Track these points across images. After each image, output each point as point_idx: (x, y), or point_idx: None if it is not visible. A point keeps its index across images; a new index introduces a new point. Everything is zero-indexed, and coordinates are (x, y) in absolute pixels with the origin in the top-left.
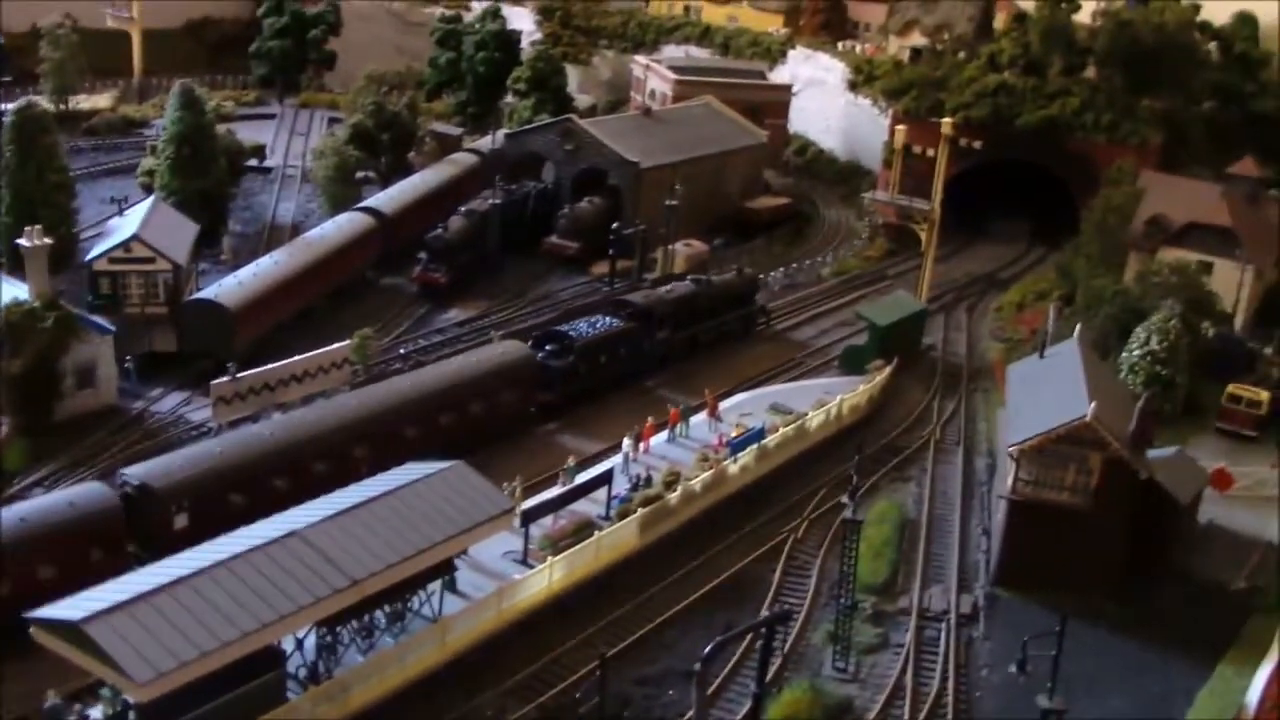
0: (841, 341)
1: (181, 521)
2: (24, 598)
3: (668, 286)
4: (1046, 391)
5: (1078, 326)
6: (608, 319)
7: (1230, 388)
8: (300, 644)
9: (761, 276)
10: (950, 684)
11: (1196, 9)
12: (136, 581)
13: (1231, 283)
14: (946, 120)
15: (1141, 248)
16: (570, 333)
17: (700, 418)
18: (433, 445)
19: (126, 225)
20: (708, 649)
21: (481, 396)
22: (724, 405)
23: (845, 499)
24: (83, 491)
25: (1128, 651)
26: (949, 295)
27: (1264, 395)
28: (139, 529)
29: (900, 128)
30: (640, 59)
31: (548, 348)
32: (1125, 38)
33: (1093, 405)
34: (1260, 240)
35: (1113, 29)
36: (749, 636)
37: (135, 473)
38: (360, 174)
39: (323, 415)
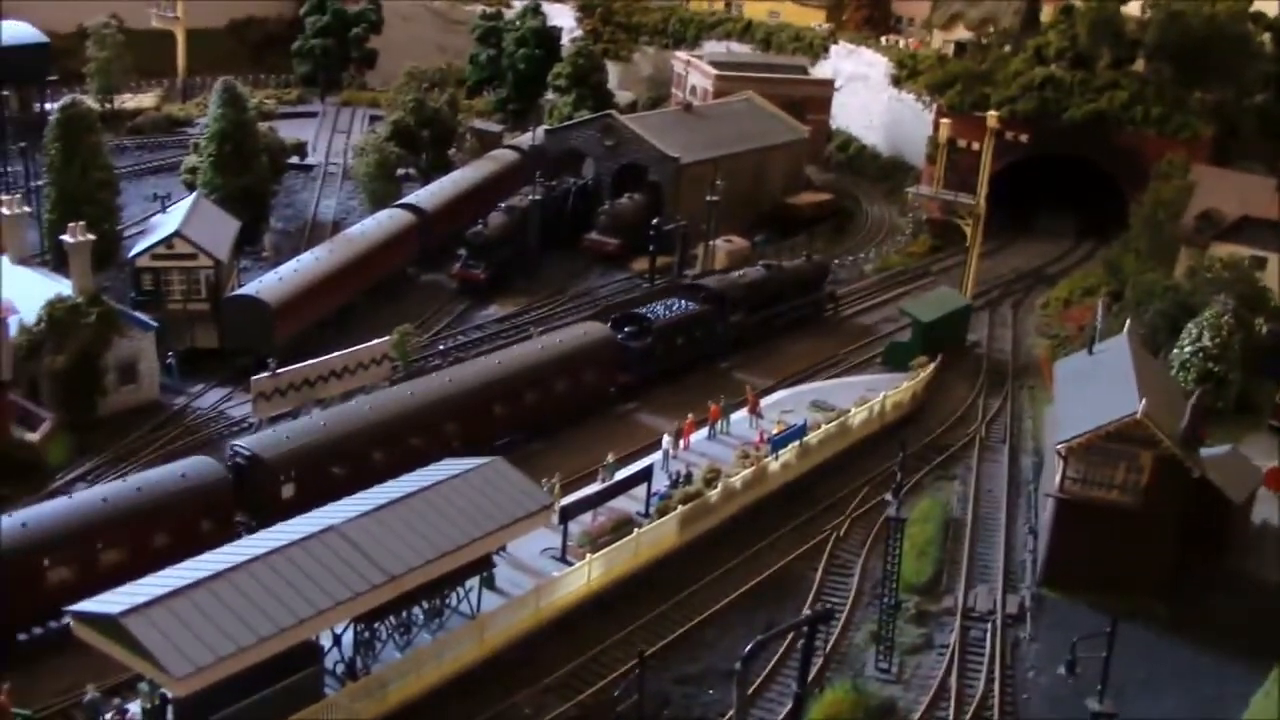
0: (886, 337)
1: (289, 491)
2: (140, 566)
3: (740, 271)
4: (1095, 388)
5: (1127, 322)
6: (683, 302)
7: None
8: (338, 640)
9: (836, 262)
10: (996, 685)
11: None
12: (175, 576)
13: None
14: (992, 114)
15: (1193, 243)
16: (648, 315)
17: (741, 414)
18: (519, 423)
19: (169, 222)
20: (748, 648)
21: (565, 376)
22: (765, 402)
23: (889, 497)
24: (194, 464)
25: (1180, 654)
26: (995, 291)
27: None
28: (249, 498)
29: (945, 121)
30: (681, 54)
31: (627, 329)
32: (1175, 29)
33: (1143, 402)
34: None
35: (1162, 20)
36: (790, 636)
37: (246, 444)
38: (401, 171)
39: (416, 392)
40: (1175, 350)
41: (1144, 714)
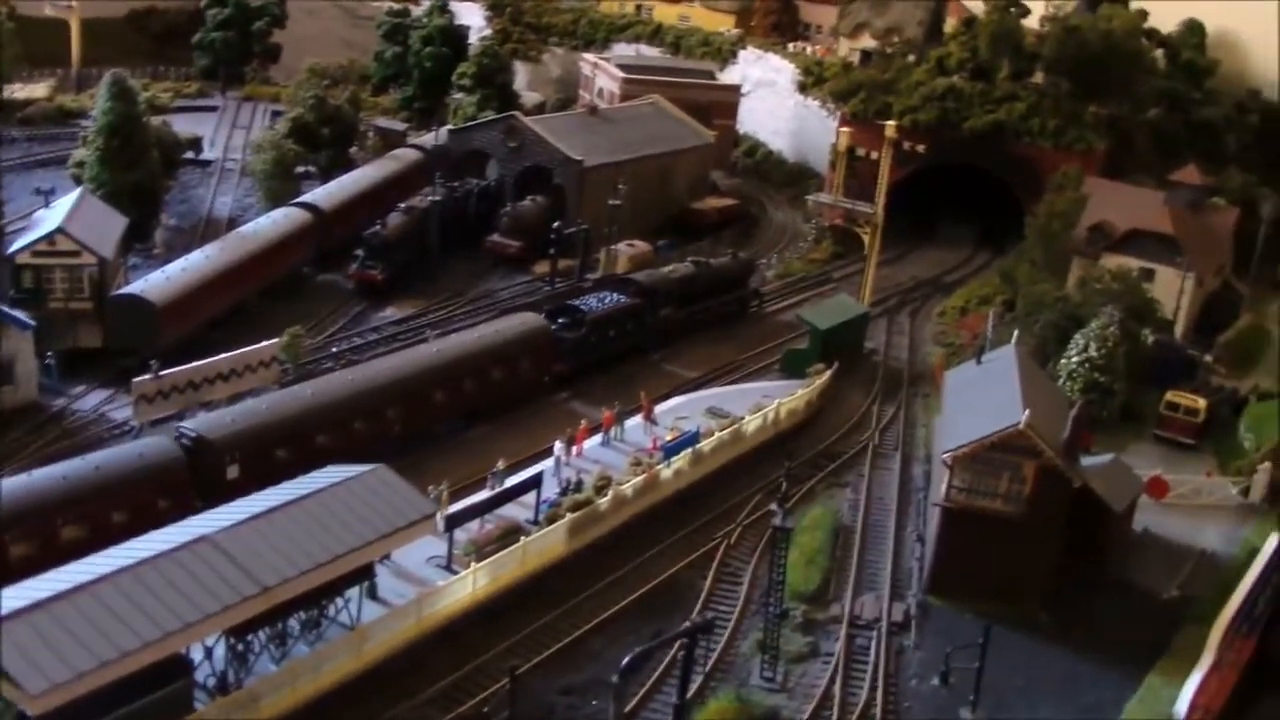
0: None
1: (234, 472)
2: (100, 542)
3: (670, 267)
4: (981, 398)
5: (1014, 333)
6: (615, 295)
7: (1168, 395)
8: (209, 652)
9: (763, 261)
10: (879, 694)
11: (1144, 16)
12: (37, 588)
13: (1173, 290)
14: (890, 124)
15: (1085, 254)
16: (581, 307)
17: (636, 421)
18: (458, 409)
19: (52, 218)
20: (626, 660)
21: (502, 364)
22: (660, 409)
23: (774, 506)
24: (151, 444)
25: (1060, 661)
26: (894, 299)
27: (1201, 403)
28: (196, 479)
29: (844, 130)
30: (589, 57)
31: (560, 320)
32: (1072, 44)
33: (1026, 413)
34: (1202, 248)
35: (1060, 35)
36: (673, 646)
37: (192, 425)
38: (301, 169)
39: (358, 378)
40: (1063, 360)
41: None
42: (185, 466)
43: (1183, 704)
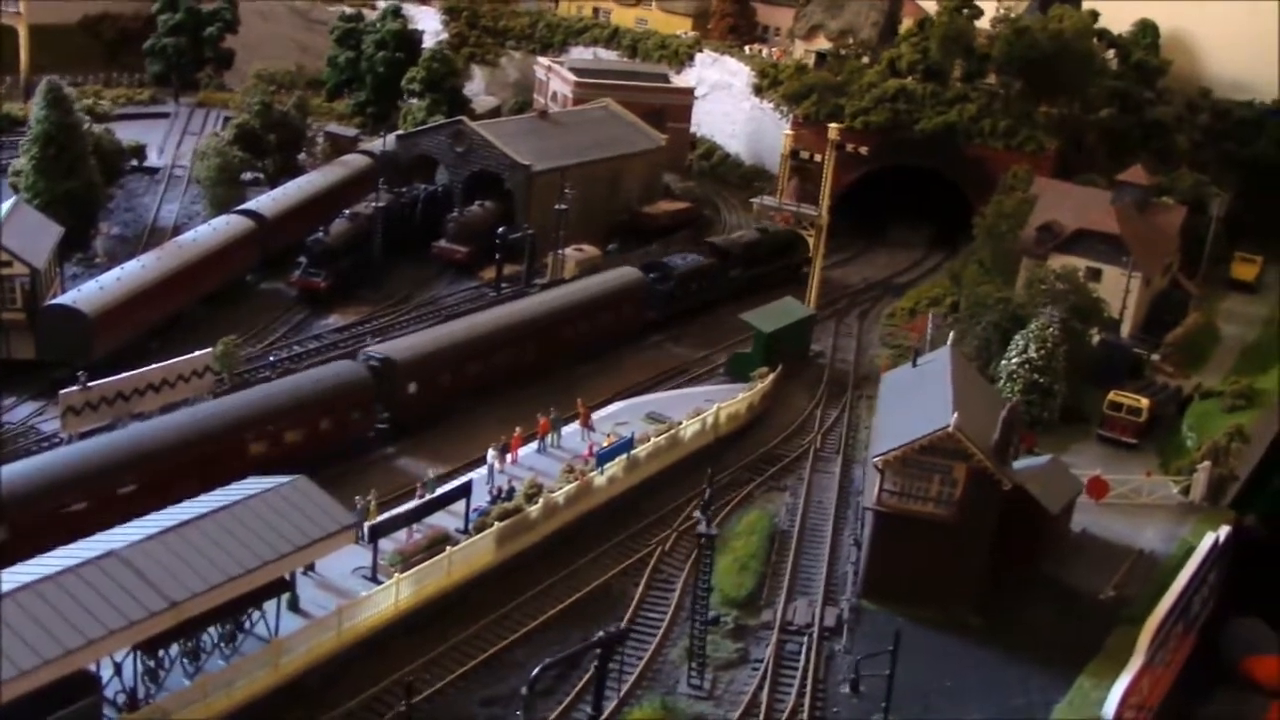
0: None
1: (413, 388)
2: (311, 444)
3: (739, 233)
4: (914, 401)
5: (949, 335)
6: (696, 256)
7: (1111, 395)
8: (119, 669)
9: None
10: (807, 699)
11: (1095, 16)
12: None
13: (1119, 289)
14: (833, 126)
15: (1033, 254)
16: (670, 264)
17: (573, 428)
18: (575, 345)
19: None
20: (535, 671)
21: (609, 309)
22: (600, 414)
23: (698, 513)
24: (344, 366)
25: (989, 663)
26: (843, 301)
27: (1144, 403)
28: (382, 394)
29: (787, 132)
30: (543, 61)
31: (653, 275)
32: (1022, 44)
33: (955, 415)
34: (1149, 247)
35: (1009, 36)
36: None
37: (378, 351)
38: (249, 176)
39: (501, 317)
40: (1003, 362)
41: None
42: (372, 385)
43: (1111, 705)
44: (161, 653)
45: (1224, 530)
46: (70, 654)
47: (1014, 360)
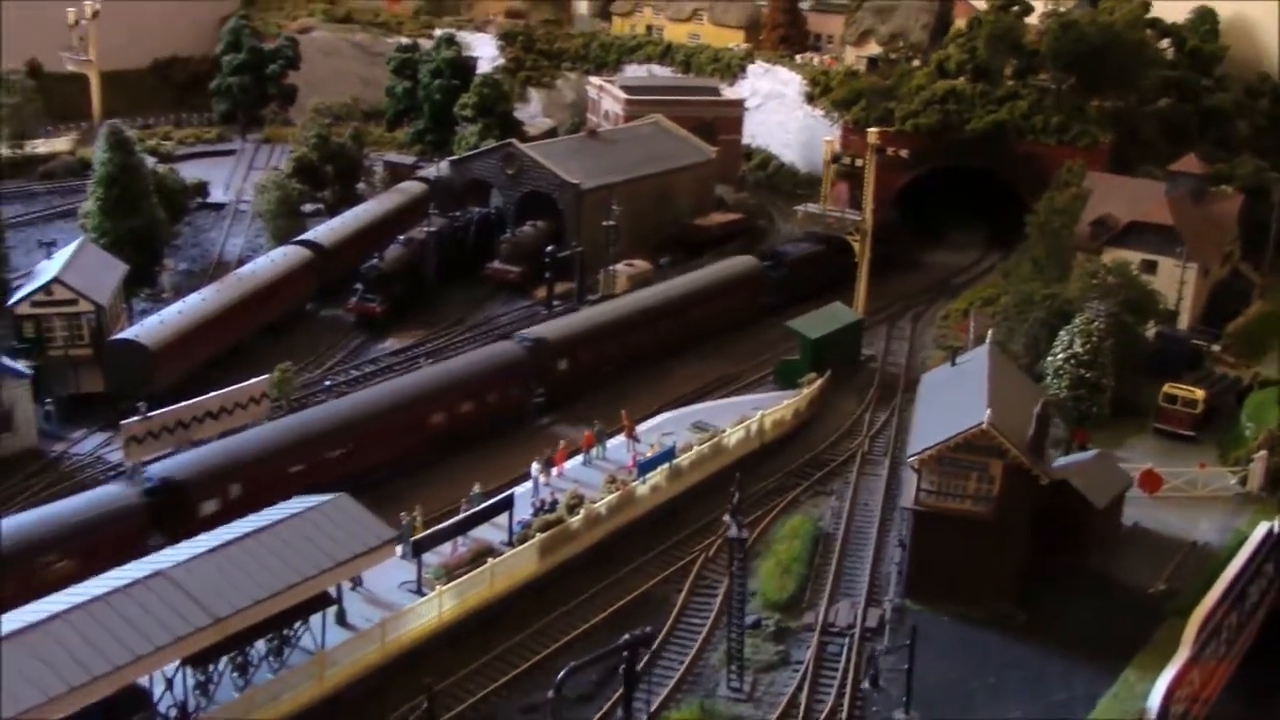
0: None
1: (564, 365)
2: (483, 415)
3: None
4: (951, 400)
5: (989, 332)
6: (808, 244)
7: (1166, 387)
8: (170, 684)
9: None
10: (846, 700)
11: (1146, 7)
12: None
13: (1175, 280)
14: (872, 130)
15: (1087, 249)
16: (784, 251)
17: (619, 440)
18: (703, 325)
19: (50, 268)
20: (560, 675)
21: (729, 294)
22: (646, 425)
23: (727, 518)
24: (502, 347)
25: (1032, 659)
26: (897, 305)
27: (1200, 394)
28: (536, 371)
29: (828, 139)
30: (594, 80)
31: (768, 263)
32: (1070, 38)
33: (989, 412)
34: (1204, 237)
35: (1056, 30)
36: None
37: (530, 332)
38: (310, 207)
39: (637, 302)
40: (1048, 358)
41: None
42: (528, 362)
43: (1156, 697)
44: (211, 667)
45: None
46: (118, 670)
47: (1060, 356)
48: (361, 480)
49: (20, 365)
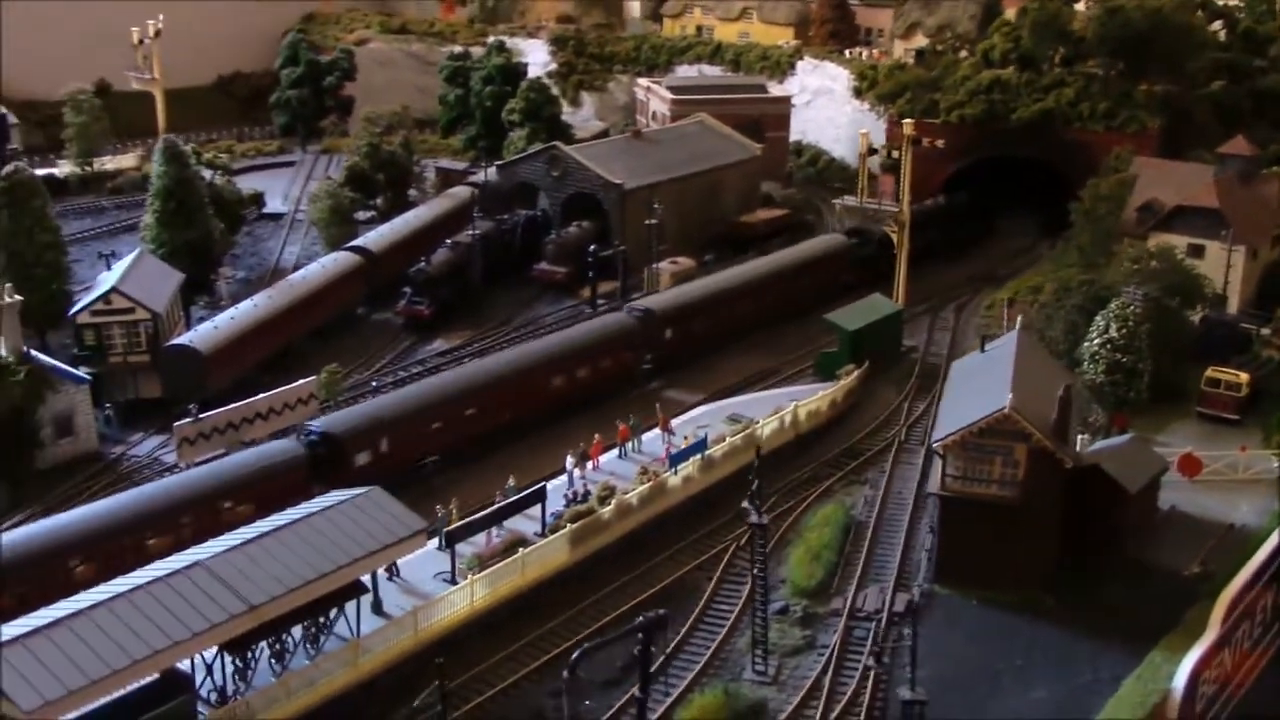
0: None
1: (669, 334)
2: (592, 385)
3: (932, 200)
4: (977, 385)
5: (1018, 319)
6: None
7: (1209, 371)
8: (210, 668)
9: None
10: (869, 683)
11: None
12: (35, 618)
13: (1223, 264)
14: (907, 122)
15: (1133, 234)
16: (870, 229)
17: (654, 433)
18: (789, 300)
19: (109, 279)
20: (574, 656)
21: (815, 270)
22: (681, 419)
23: (746, 504)
24: (615, 317)
25: (1061, 642)
26: (938, 296)
27: (1243, 377)
28: (646, 340)
29: (863, 131)
30: (642, 82)
31: (854, 240)
32: (1116, 24)
33: (1010, 396)
34: (1252, 220)
35: (1102, 16)
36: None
37: (640, 304)
38: (363, 215)
39: (732, 278)
40: (1085, 343)
41: (1009, 705)
42: (638, 331)
43: (1181, 677)
44: (248, 653)
45: None
46: (156, 654)
47: (1095, 341)
48: (489, 439)
49: (81, 372)
